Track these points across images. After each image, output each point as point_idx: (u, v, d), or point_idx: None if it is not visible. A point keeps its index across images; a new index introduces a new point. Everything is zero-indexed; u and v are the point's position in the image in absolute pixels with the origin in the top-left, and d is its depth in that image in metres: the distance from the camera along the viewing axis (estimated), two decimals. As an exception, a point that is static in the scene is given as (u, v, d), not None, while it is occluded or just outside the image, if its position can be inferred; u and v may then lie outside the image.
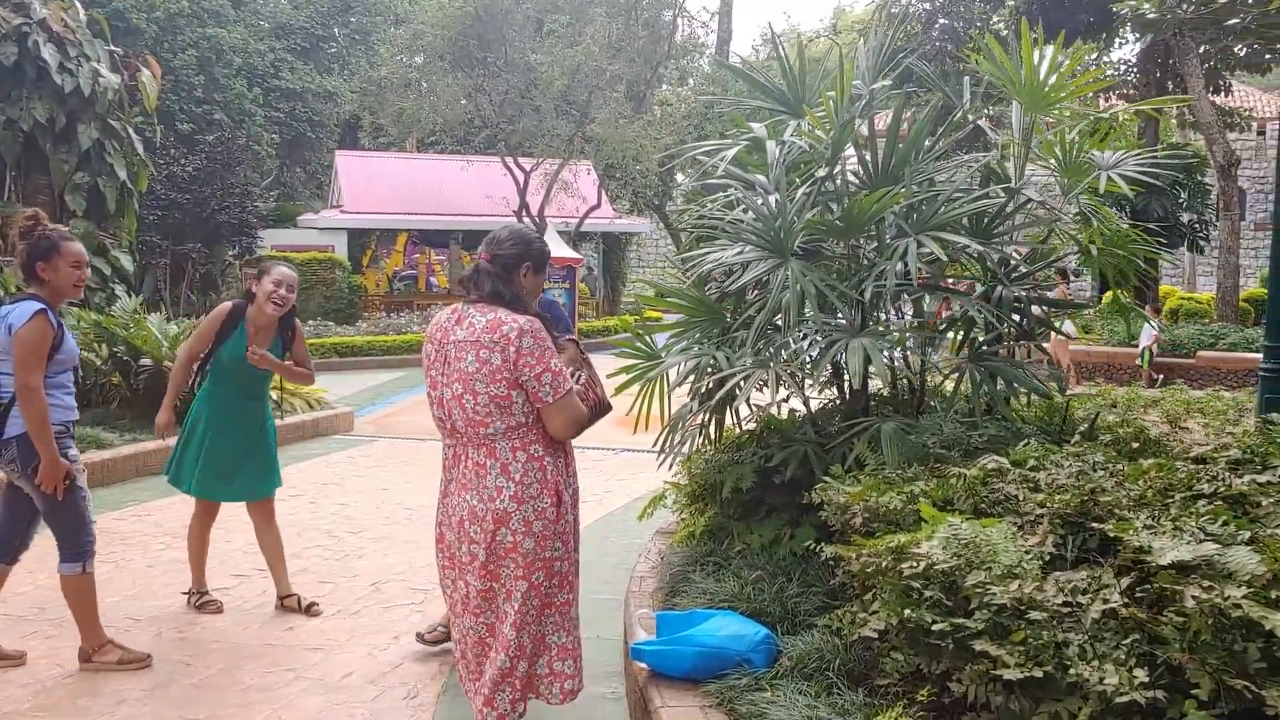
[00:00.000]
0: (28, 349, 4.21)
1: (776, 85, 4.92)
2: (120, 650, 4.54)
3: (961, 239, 4.30)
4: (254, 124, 28.98)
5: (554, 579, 3.31)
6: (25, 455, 4.28)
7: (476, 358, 3.17)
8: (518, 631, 3.24)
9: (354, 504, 7.83)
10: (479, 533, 3.23)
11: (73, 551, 4.44)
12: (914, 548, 2.87)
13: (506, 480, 3.21)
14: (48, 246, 4.35)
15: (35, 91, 12.51)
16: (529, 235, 3.42)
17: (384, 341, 18.94)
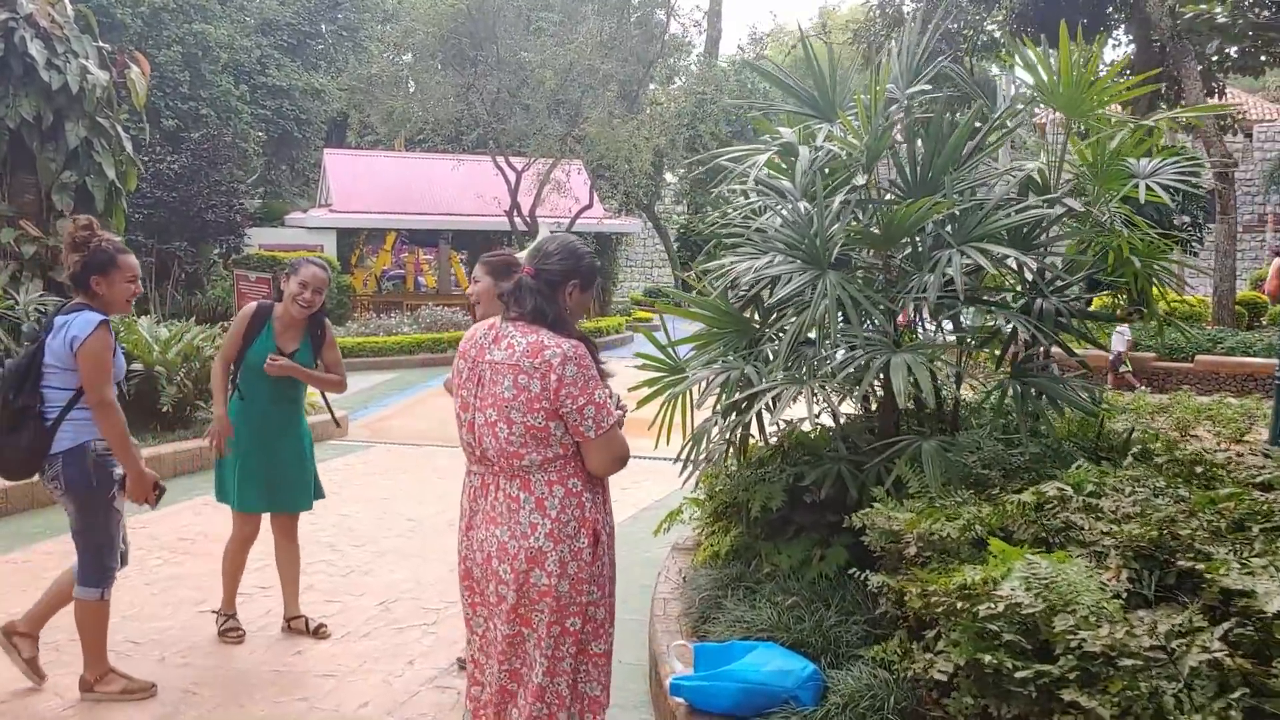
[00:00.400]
0: (95, 362, 4.08)
1: (806, 89, 4.74)
2: (124, 679, 4.34)
3: (1004, 249, 4.13)
4: (241, 121, 28.66)
5: (589, 625, 3.06)
6: (69, 473, 4.16)
7: (514, 383, 2.91)
8: (553, 679, 3.01)
9: (355, 515, 7.62)
10: (509, 572, 2.97)
11: (94, 576, 4.27)
12: (989, 587, 2.69)
13: (542, 516, 2.95)
14: (105, 260, 4.20)
15: (22, 88, 12.21)
16: (579, 249, 3.14)
17: (374, 343, 18.67)
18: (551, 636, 2.98)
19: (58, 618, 5.13)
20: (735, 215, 4.98)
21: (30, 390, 4.13)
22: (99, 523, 4.22)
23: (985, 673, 2.73)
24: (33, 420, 4.14)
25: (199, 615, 5.35)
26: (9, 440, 4.15)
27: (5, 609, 5.41)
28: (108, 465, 4.21)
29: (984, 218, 4.14)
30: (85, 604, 4.27)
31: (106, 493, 4.22)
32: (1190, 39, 16.93)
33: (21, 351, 4.24)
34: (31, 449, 4.15)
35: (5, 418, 4.15)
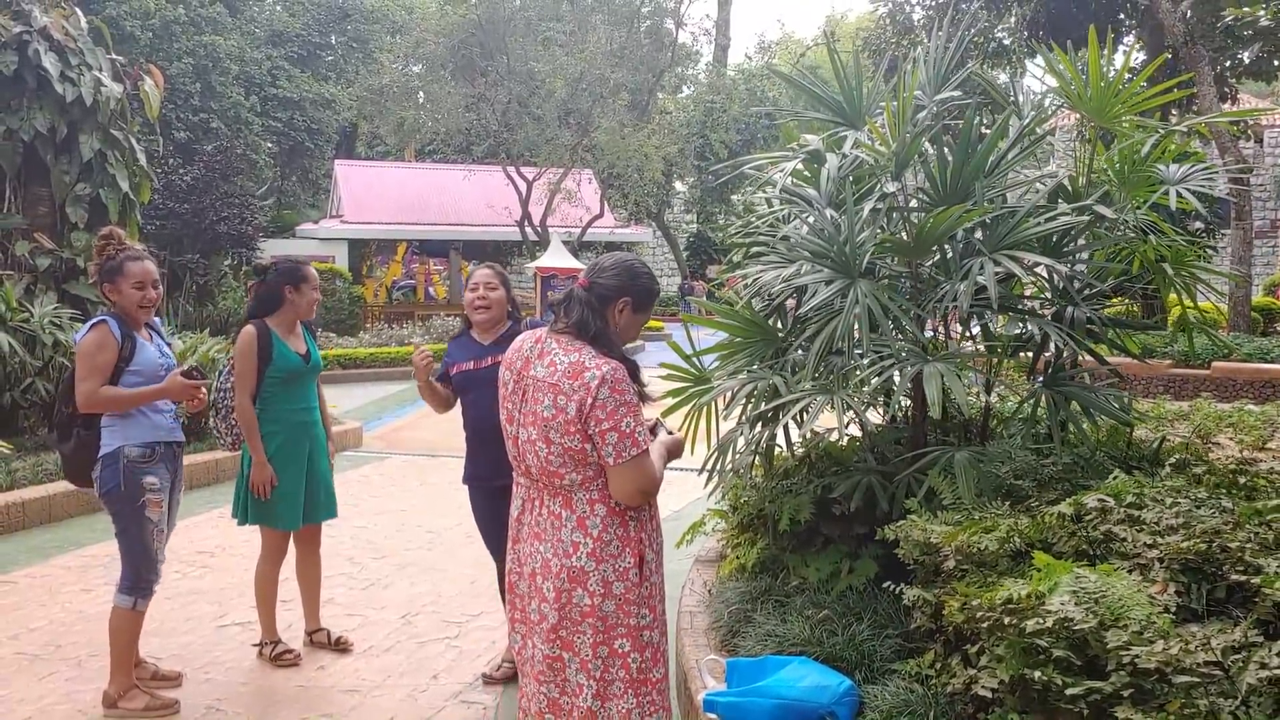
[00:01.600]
0: (83, 359, 4.18)
1: (832, 96, 4.70)
2: (147, 696, 4.30)
3: (1036, 256, 4.08)
4: (252, 133, 28.77)
5: (645, 651, 2.95)
6: (103, 475, 4.24)
7: (554, 404, 2.84)
8: (603, 703, 2.90)
9: (373, 527, 7.58)
10: (551, 590, 2.89)
11: (131, 584, 4.28)
12: (1036, 601, 2.64)
13: (584, 535, 2.88)
14: (111, 269, 4.30)
15: (36, 101, 12.23)
16: (637, 269, 3.06)
17: (386, 353, 18.67)
18: (599, 658, 2.89)
19: (76, 634, 5.12)
20: (760, 223, 4.93)
21: (72, 399, 4.25)
22: (131, 530, 4.24)
23: (1032, 689, 2.67)
24: (77, 429, 4.26)
25: (219, 629, 5.31)
26: (62, 448, 4.36)
27: (24, 623, 5.40)
28: (138, 473, 4.23)
29: (1015, 226, 4.08)
30: (119, 612, 4.27)
31: (136, 500, 4.22)
32: (1204, 44, 16.86)
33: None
34: (76, 456, 4.28)
35: (57, 426, 4.36)
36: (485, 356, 4.48)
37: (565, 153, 24.34)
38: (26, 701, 4.43)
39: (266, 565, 4.90)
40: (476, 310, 4.57)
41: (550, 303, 3.15)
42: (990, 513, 3.56)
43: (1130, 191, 4.70)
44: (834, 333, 4.07)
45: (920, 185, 4.50)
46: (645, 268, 3.13)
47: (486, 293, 4.56)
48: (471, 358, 4.52)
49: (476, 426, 4.51)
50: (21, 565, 6.48)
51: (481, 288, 4.58)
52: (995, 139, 4.23)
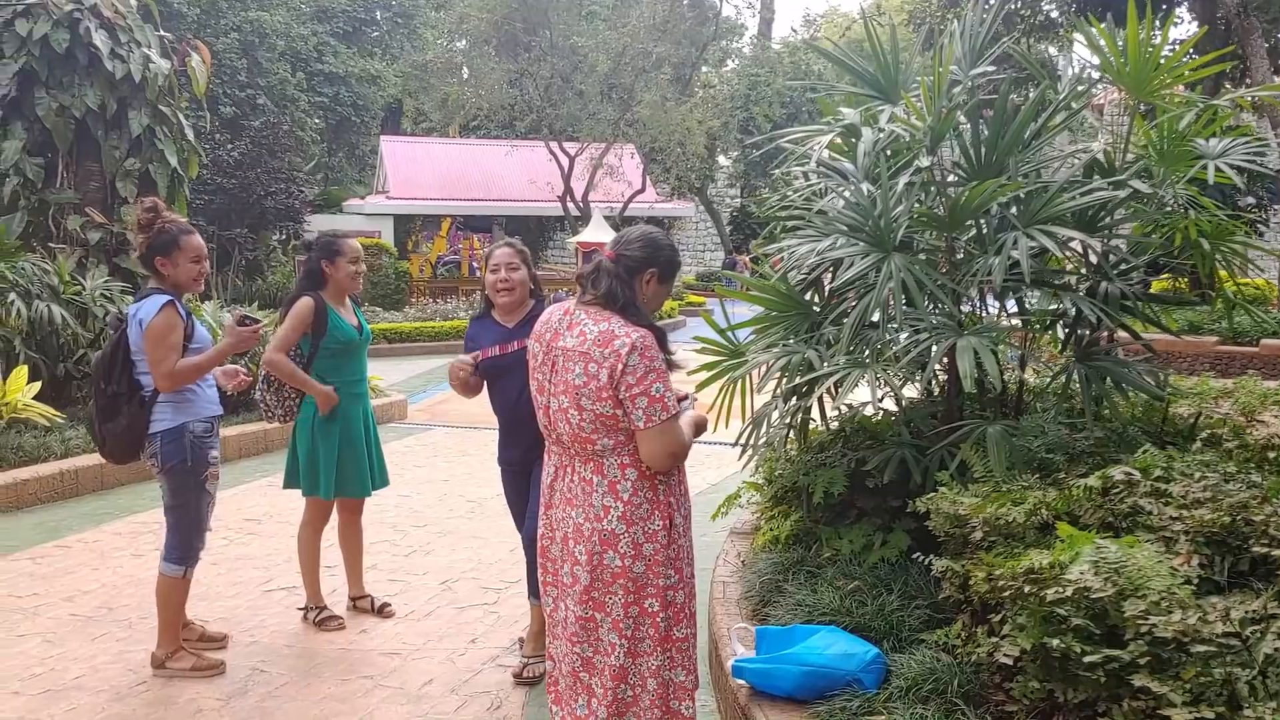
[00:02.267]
0: (158, 340, 4.18)
1: (869, 70, 4.70)
2: (194, 656, 4.44)
3: (1070, 232, 4.07)
4: (298, 109, 28.99)
5: (670, 609, 3.05)
6: (166, 450, 4.27)
7: (584, 371, 2.91)
8: (634, 660, 3.01)
9: (416, 496, 7.72)
10: (583, 553, 2.99)
11: (180, 554, 4.36)
12: (1058, 571, 2.67)
13: (614, 500, 2.97)
14: (167, 241, 4.28)
15: (87, 78, 12.44)
16: (660, 240, 3.14)
17: (431, 327, 18.85)
18: (630, 618, 2.99)
19: (126, 598, 5.28)
20: (796, 197, 4.96)
21: (119, 377, 4.26)
22: (190, 502, 4.33)
23: (1052, 657, 2.71)
24: (126, 405, 4.26)
25: (265, 594, 5.46)
26: (108, 428, 4.29)
27: (77, 586, 5.57)
28: (203, 447, 4.33)
29: (1049, 200, 4.08)
30: (168, 580, 4.38)
31: (200, 474, 4.33)
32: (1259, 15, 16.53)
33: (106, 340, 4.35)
34: (129, 433, 4.28)
35: (101, 406, 4.30)
36: (511, 341, 4.30)
37: (607, 127, 24.33)
38: (80, 660, 4.59)
39: (308, 531, 5.02)
40: (499, 293, 4.37)
41: (578, 275, 3.20)
42: (1019, 485, 3.59)
43: (1170, 166, 4.67)
44: (868, 306, 4.10)
45: (955, 160, 4.50)
46: (668, 239, 3.20)
47: (509, 274, 4.35)
48: (496, 342, 4.35)
49: (507, 412, 4.39)
50: (75, 531, 6.68)
51: (503, 269, 4.36)
52: (1030, 113, 4.22)
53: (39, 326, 9.14)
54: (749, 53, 36.52)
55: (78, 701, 4.17)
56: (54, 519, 6.98)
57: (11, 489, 7.21)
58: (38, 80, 12.36)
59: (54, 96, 12.38)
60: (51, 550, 6.28)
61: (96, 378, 4.34)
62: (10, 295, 9.10)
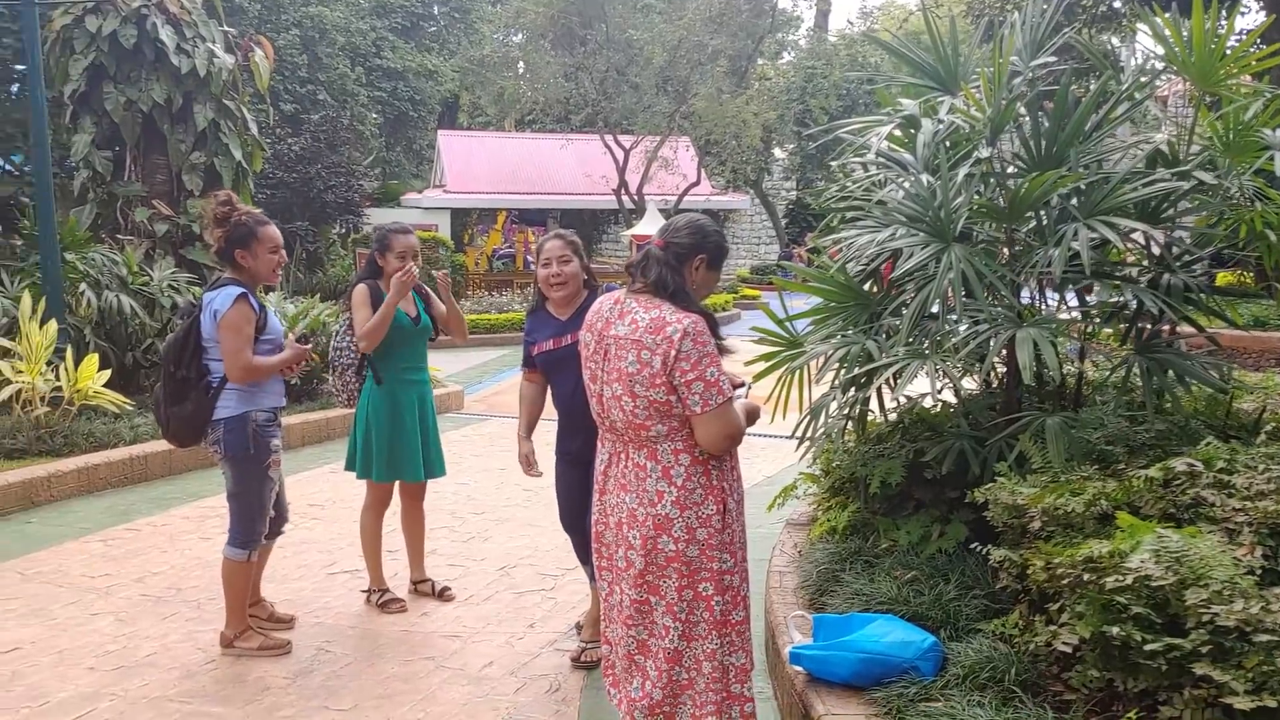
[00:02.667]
0: (233, 332, 4.26)
1: (928, 61, 4.70)
2: (261, 636, 4.56)
3: (1132, 223, 4.05)
4: (357, 103, 29.29)
5: (726, 594, 3.08)
6: (229, 438, 4.35)
7: (637, 358, 2.96)
8: (689, 644, 3.05)
9: (474, 484, 7.83)
10: (637, 538, 3.04)
11: (243, 538, 4.46)
12: (1117, 560, 2.68)
13: (668, 485, 3.01)
14: (246, 233, 4.36)
15: (154, 73, 12.70)
16: (707, 227, 3.18)
17: (487, 320, 19.02)
18: (684, 601, 3.03)
19: (195, 579, 5.42)
20: (855, 188, 4.97)
21: (189, 363, 4.34)
22: (253, 489, 4.42)
23: (1112, 646, 2.72)
24: (194, 391, 4.35)
25: (329, 577, 5.58)
26: (174, 411, 4.39)
27: (147, 567, 5.73)
28: (265, 436, 4.42)
29: (1111, 191, 4.06)
30: (233, 564, 4.49)
31: (263, 461, 4.42)
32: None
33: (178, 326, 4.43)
34: (194, 418, 4.36)
35: (169, 389, 4.39)
36: (565, 334, 4.26)
37: (663, 120, 24.35)
38: (151, 639, 4.73)
39: (369, 516, 5.13)
40: (553, 288, 4.29)
41: (627, 264, 3.24)
42: (1078, 476, 3.58)
43: (1235, 157, 4.61)
44: (928, 297, 4.11)
45: (1015, 150, 4.49)
46: (715, 226, 3.25)
47: (560, 268, 4.26)
48: (551, 336, 4.31)
49: (564, 404, 4.37)
50: (144, 514, 6.85)
51: (555, 263, 4.26)
52: (1091, 104, 4.20)
53: (108, 316, 9.37)
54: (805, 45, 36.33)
55: (149, 678, 4.30)
56: (124, 503, 7.18)
57: (84, 473, 7.41)
58: (106, 75, 12.64)
59: (122, 91, 12.65)
60: (122, 533, 6.46)
61: (166, 362, 4.40)
62: (81, 285, 9.35)
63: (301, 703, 4.07)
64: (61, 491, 7.22)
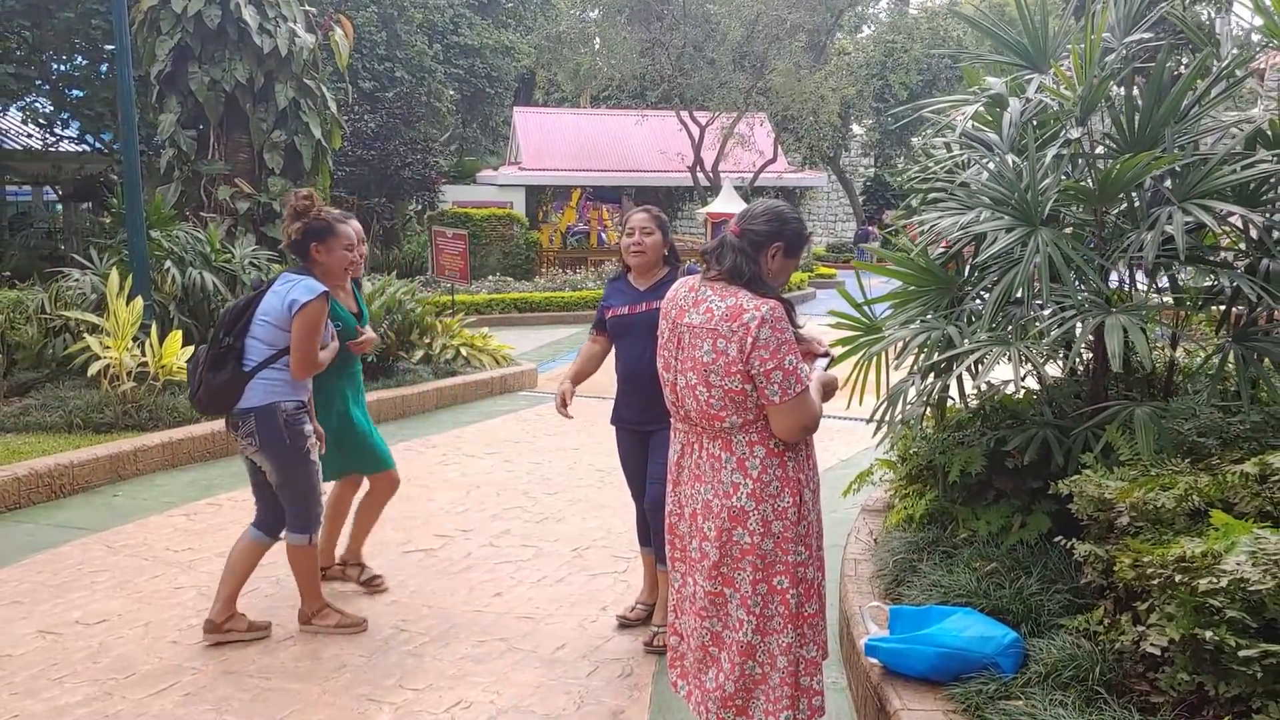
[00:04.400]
0: (310, 329, 4.26)
1: (1015, 38, 4.56)
2: (338, 614, 4.61)
3: (1229, 206, 3.89)
4: (434, 80, 29.45)
5: (800, 586, 3.03)
6: (263, 430, 4.30)
7: (713, 347, 2.92)
8: (763, 637, 3.01)
9: (547, 464, 7.85)
10: (712, 529, 3.00)
11: (301, 523, 4.46)
12: (1213, 561, 2.58)
13: (743, 476, 2.96)
14: (323, 228, 4.39)
15: (237, 53, 12.91)
16: (786, 214, 3.11)
17: (561, 298, 19.07)
18: (759, 595, 2.99)
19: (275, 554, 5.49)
20: (937, 169, 4.85)
21: (239, 334, 4.32)
22: (299, 476, 4.39)
23: (1203, 649, 2.62)
24: (233, 363, 4.30)
25: (403, 555, 5.63)
26: (209, 376, 4.32)
27: (228, 541, 5.79)
28: (297, 424, 4.36)
29: (1208, 173, 3.90)
30: (297, 550, 4.51)
31: (301, 447, 4.36)
32: None
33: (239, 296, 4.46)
34: (225, 390, 4.29)
35: (214, 354, 4.34)
36: (641, 302, 4.40)
37: (739, 96, 24.14)
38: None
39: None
40: (632, 254, 4.44)
41: (702, 250, 3.19)
42: (1168, 470, 3.46)
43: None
44: (1013, 282, 3.99)
45: (1107, 131, 4.34)
46: (795, 213, 3.17)
47: (642, 238, 4.43)
48: (627, 303, 4.44)
49: (627, 371, 4.47)
50: (225, 489, 6.99)
51: (638, 232, 4.44)
52: (1189, 81, 4.03)
53: (192, 292, 9.55)
54: (886, 19, 35.73)
55: (229, 652, 4.38)
56: (206, 477, 7.32)
57: (168, 448, 7.58)
58: (191, 55, 12.87)
59: (206, 71, 12.87)
60: (204, 507, 6.59)
61: (219, 327, 4.39)
62: (166, 263, 9.54)
63: (377, 681, 4.11)
64: (147, 466, 7.39)
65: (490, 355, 11.52)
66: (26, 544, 5.82)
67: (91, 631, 4.59)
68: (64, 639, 4.51)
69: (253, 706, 3.89)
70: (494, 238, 23.02)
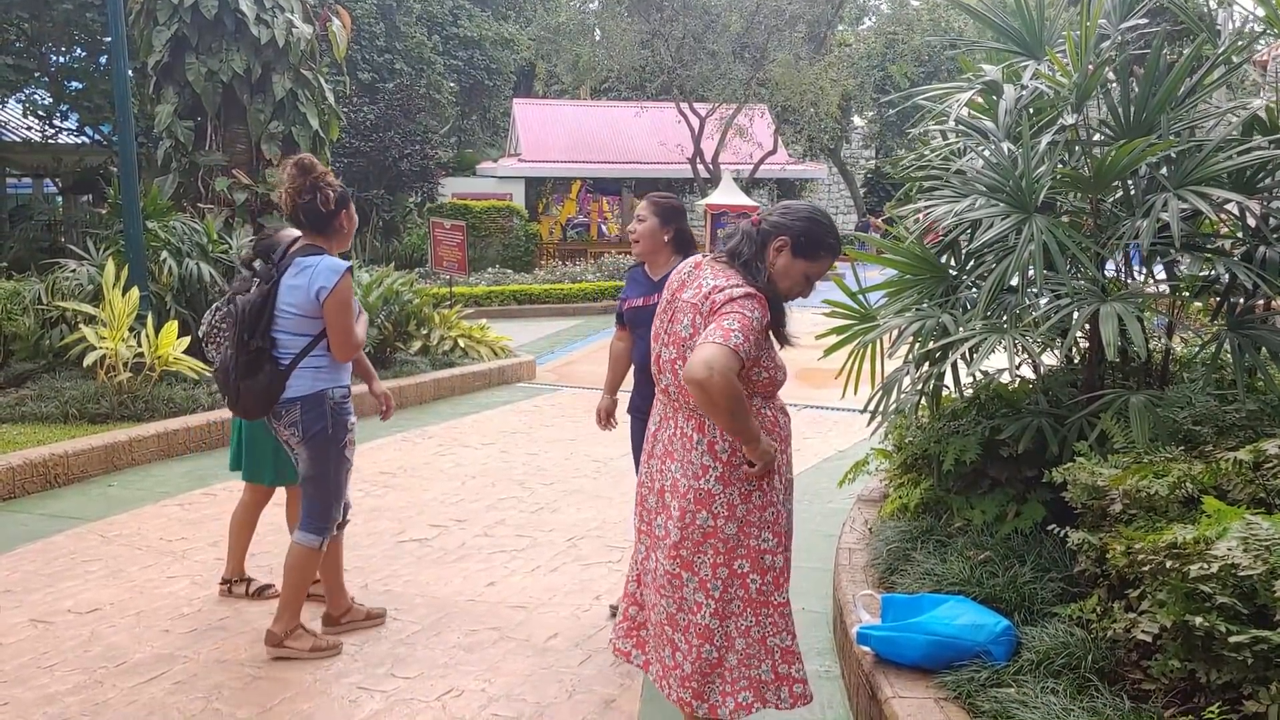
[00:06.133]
0: (344, 309, 4.06)
1: (1013, 25, 4.53)
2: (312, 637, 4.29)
3: (1225, 193, 3.86)
4: (433, 72, 29.35)
5: (766, 575, 3.02)
6: (308, 419, 4.09)
7: (690, 323, 2.93)
8: (722, 621, 2.99)
9: (543, 454, 7.84)
10: (676, 509, 2.99)
11: (319, 523, 4.20)
12: (1204, 547, 2.56)
13: (713, 460, 2.95)
14: (345, 197, 4.18)
15: (234, 43, 12.85)
16: (803, 212, 3.06)
17: (560, 290, 19.02)
18: (719, 579, 2.98)
19: (267, 544, 5.48)
20: (933, 156, 4.82)
21: (265, 332, 4.08)
22: (330, 471, 4.16)
23: (1194, 636, 2.61)
24: (268, 363, 4.08)
25: (398, 545, 5.62)
26: (247, 383, 4.09)
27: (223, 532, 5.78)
28: (343, 414, 4.17)
29: (1204, 159, 3.88)
30: (303, 550, 4.20)
31: (340, 441, 4.16)
32: None
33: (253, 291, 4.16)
34: (268, 391, 4.08)
35: (242, 360, 4.09)
36: (654, 293, 4.29)
37: (739, 88, 24.08)
38: (224, 602, 4.82)
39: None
40: (633, 243, 4.44)
41: (720, 238, 3.18)
42: (1162, 457, 3.44)
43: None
44: (1007, 270, 3.97)
45: (1102, 118, 4.32)
46: (825, 218, 3.10)
47: (635, 224, 4.39)
48: (642, 294, 4.42)
49: (642, 362, 4.38)
50: (221, 480, 6.96)
51: (634, 220, 4.42)
52: (1185, 68, 4.01)
53: (188, 284, 9.54)
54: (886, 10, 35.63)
55: (221, 641, 4.37)
56: (201, 468, 7.30)
57: (163, 438, 7.56)
58: (188, 46, 12.81)
59: (203, 61, 12.81)
60: (199, 497, 6.58)
61: (240, 329, 4.08)
62: (163, 253, 9.51)
63: (368, 670, 4.10)
64: (142, 456, 7.37)
65: (488, 347, 11.50)
66: (20, 533, 5.81)
67: (83, 620, 4.58)
68: (55, 628, 4.50)
69: (243, 695, 3.88)
70: (493, 230, 22.98)
